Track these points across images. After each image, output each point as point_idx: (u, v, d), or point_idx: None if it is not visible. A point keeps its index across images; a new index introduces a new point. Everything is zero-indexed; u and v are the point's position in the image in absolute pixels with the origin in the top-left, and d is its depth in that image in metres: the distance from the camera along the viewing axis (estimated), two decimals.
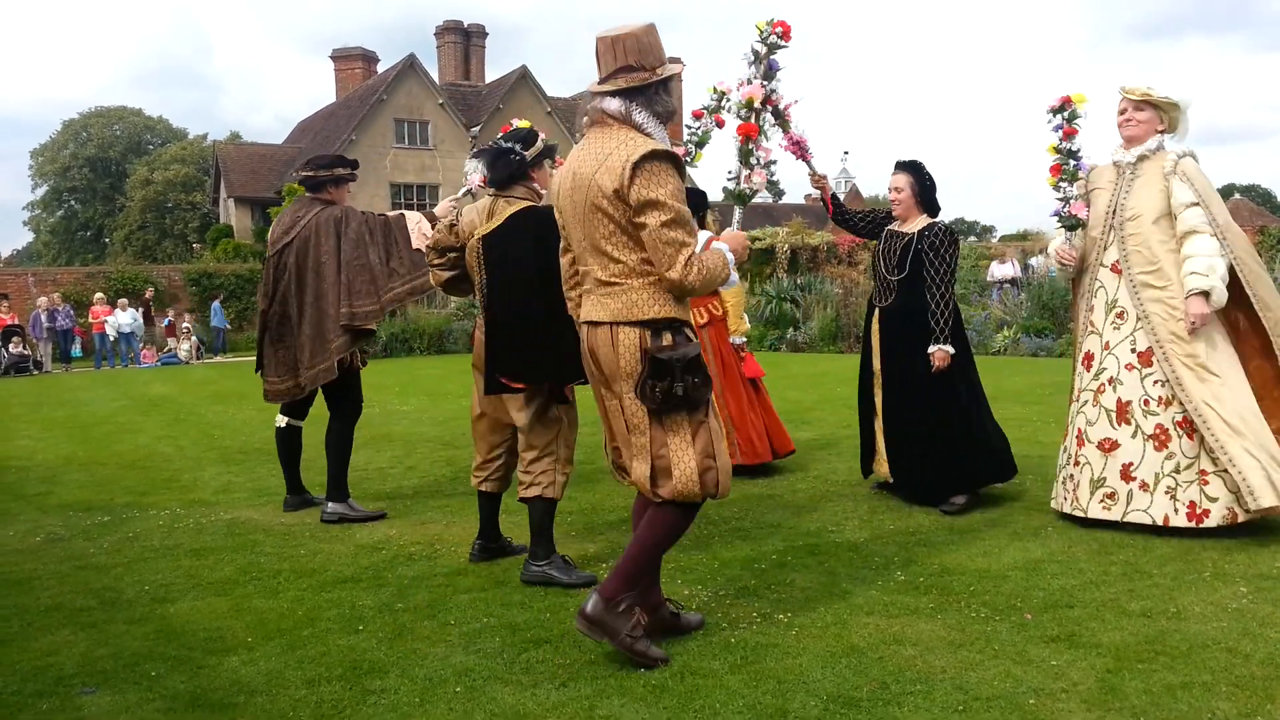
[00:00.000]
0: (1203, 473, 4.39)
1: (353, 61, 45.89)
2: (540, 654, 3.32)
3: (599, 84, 3.26)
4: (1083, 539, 4.49)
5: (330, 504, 5.59)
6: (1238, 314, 4.57)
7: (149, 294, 28.05)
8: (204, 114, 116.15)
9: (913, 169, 5.50)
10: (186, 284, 29.99)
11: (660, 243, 3.10)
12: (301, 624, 3.72)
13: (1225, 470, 4.32)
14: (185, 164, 54.84)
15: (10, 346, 21.36)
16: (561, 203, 3.36)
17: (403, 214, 5.53)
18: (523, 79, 40.92)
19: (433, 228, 4.61)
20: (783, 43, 3.86)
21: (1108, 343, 4.67)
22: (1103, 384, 4.65)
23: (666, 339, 3.17)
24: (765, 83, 3.77)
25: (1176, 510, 4.41)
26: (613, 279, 3.20)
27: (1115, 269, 4.67)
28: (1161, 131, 4.71)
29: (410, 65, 38.86)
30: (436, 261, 4.59)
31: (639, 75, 3.20)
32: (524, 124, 4.83)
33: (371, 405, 11.52)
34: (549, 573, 4.16)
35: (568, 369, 4.03)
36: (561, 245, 3.51)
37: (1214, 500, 4.36)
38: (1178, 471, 4.44)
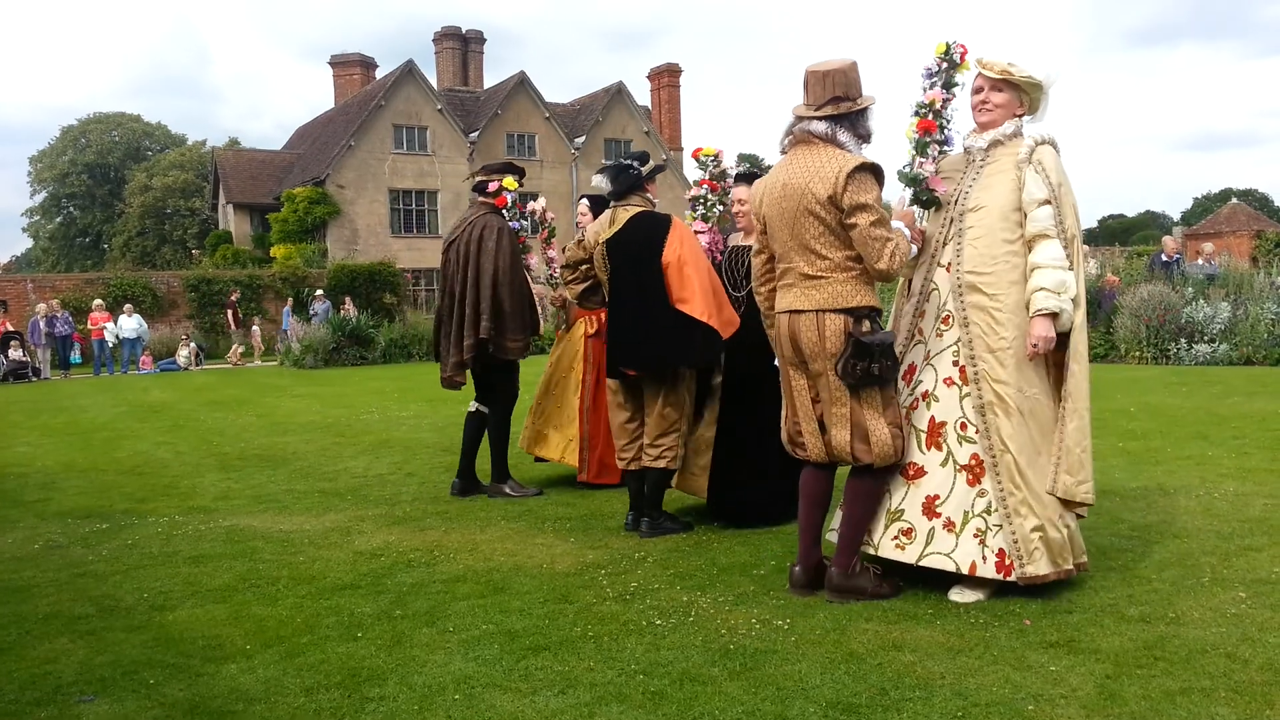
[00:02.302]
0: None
1: (351, 68, 45.94)
2: (539, 661, 3.32)
3: (814, 110, 3.77)
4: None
5: (492, 483, 6.24)
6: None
7: (235, 295, 27.85)
8: (203, 120, 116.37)
9: (752, 180, 5.09)
10: (185, 290, 29.99)
11: (870, 239, 3.66)
12: (300, 631, 3.71)
13: (1008, 520, 3.71)
14: (184, 170, 54.90)
15: (9, 353, 21.35)
16: (767, 209, 3.89)
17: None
18: (521, 85, 40.96)
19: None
20: (959, 63, 4.12)
21: (929, 352, 3.94)
22: (916, 400, 3.91)
23: (866, 326, 3.72)
24: (945, 91, 4.12)
25: (985, 558, 3.68)
26: (819, 273, 3.75)
27: (950, 269, 3.95)
28: (1020, 114, 4.00)
29: (409, 71, 38.89)
30: (570, 277, 5.45)
31: (846, 104, 3.76)
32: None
33: (371, 411, 11.56)
34: (663, 525, 5.00)
35: (675, 356, 4.83)
36: (755, 248, 4.08)
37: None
38: (989, 512, 3.72)
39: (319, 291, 27.53)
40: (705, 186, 6.53)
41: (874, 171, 3.70)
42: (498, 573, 4.41)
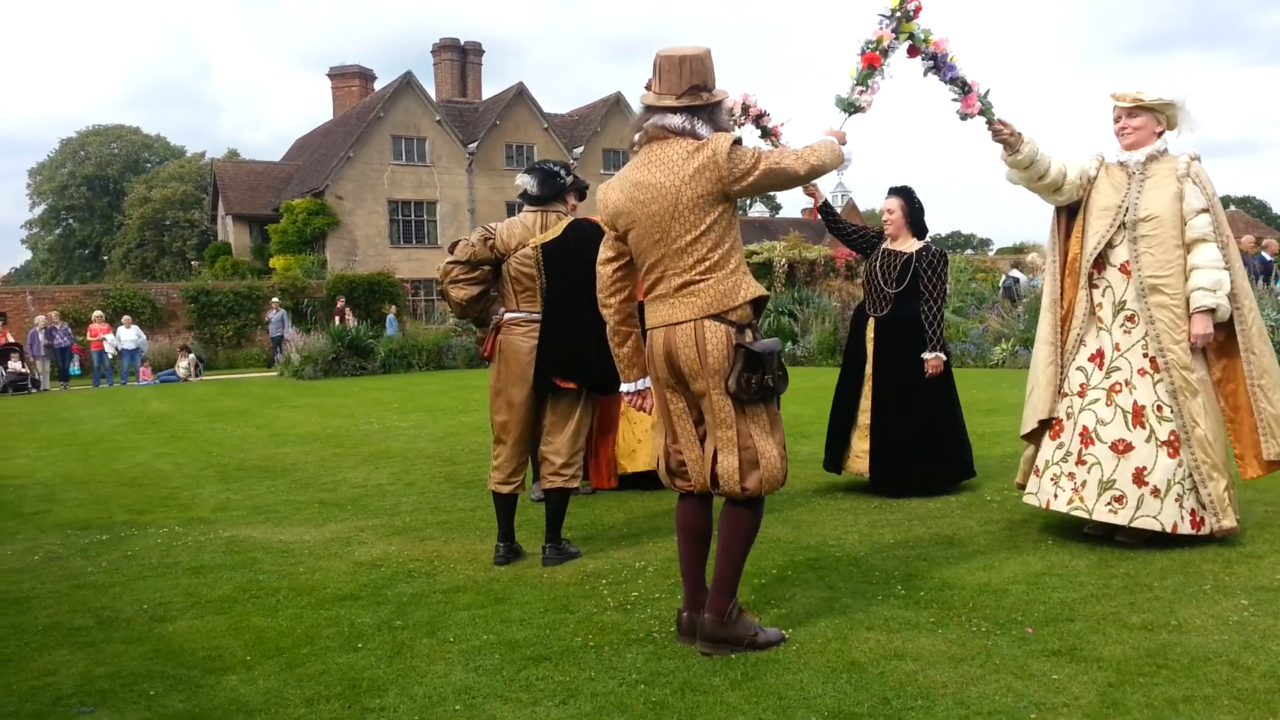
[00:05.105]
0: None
1: (350, 79, 46.09)
2: (540, 671, 3.31)
3: (673, 100, 3.40)
4: (1083, 552, 4.48)
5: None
6: (1220, 332, 4.57)
7: (342, 303, 27.67)
8: (202, 132, 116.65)
9: (904, 193, 6.10)
10: (185, 302, 29.99)
11: (780, 164, 3.38)
12: (300, 642, 3.71)
13: (1203, 485, 4.45)
14: (183, 182, 55.02)
15: (8, 365, 21.34)
16: (629, 215, 3.45)
17: None
18: (519, 96, 41.06)
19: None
20: (912, 17, 4.33)
21: (1118, 344, 4.60)
22: (1117, 383, 4.57)
23: (749, 336, 3.38)
24: (894, 35, 4.33)
25: (1183, 518, 4.41)
26: (697, 277, 3.36)
27: (1125, 270, 4.58)
28: (1161, 132, 4.64)
29: (407, 82, 38.99)
30: (465, 275, 4.73)
31: (706, 95, 3.42)
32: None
33: (370, 421, 11.55)
34: (566, 549, 4.78)
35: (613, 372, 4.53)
36: (603, 255, 3.62)
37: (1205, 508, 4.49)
38: (1186, 479, 4.46)
39: (275, 300, 27.81)
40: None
41: (742, 142, 3.42)
42: (498, 583, 4.41)
